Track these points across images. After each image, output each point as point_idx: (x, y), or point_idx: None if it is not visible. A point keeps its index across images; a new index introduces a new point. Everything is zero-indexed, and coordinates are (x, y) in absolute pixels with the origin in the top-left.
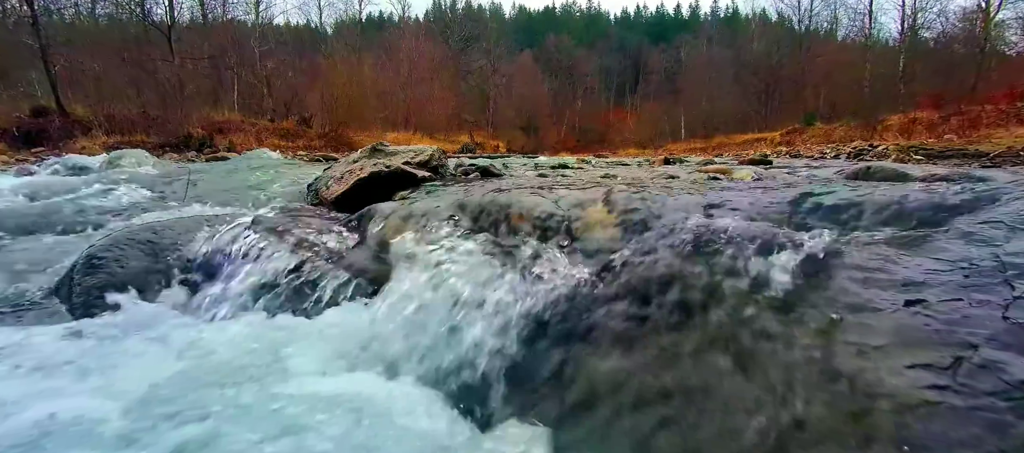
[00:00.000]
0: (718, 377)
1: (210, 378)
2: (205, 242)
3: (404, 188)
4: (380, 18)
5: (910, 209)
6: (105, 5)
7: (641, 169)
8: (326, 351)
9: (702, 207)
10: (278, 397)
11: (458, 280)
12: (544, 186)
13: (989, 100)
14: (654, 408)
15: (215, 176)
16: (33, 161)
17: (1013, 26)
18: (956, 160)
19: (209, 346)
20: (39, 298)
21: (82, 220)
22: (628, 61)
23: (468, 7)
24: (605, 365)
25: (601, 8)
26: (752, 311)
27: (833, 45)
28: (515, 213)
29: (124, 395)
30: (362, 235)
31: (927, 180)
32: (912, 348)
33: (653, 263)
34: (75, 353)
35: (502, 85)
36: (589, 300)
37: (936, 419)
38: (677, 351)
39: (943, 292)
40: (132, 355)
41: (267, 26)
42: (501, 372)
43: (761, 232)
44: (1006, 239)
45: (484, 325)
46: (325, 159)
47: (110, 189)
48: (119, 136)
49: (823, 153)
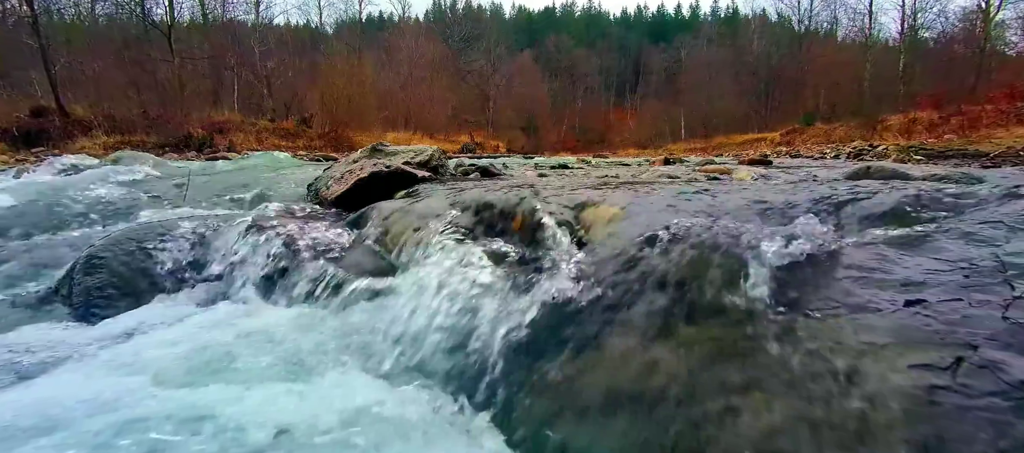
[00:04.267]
0: (718, 377)
1: (208, 375)
2: (205, 242)
3: (404, 188)
4: (380, 18)
5: (910, 209)
6: (105, 5)
7: (641, 169)
8: (325, 350)
9: (702, 207)
10: (277, 395)
11: (458, 279)
12: (544, 186)
13: (989, 100)
14: (654, 407)
15: (215, 176)
16: (33, 161)
17: (1013, 26)
18: (956, 160)
19: (208, 345)
20: (39, 298)
21: (82, 220)
22: (628, 61)
23: (468, 7)
24: (604, 365)
25: (601, 8)
26: (751, 311)
27: (833, 45)
28: (515, 212)
29: (124, 394)
30: (362, 234)
31: (927, 180)
32: (912, 348)
33: (653, 262)
34: (74, 353)
35: (502, 85)
36: (588, 299)
37: (936, 419)
38: (677, 350)
39: (943, 292)
40: (131, 354)
41: (267, 26)
42: (501, 370)
43: (761, 232)
44: (1006, 239)
45: (484, 324)
46: (325, 159)
47: (110, 190)
48: (119, 136)
49: (823, 153)
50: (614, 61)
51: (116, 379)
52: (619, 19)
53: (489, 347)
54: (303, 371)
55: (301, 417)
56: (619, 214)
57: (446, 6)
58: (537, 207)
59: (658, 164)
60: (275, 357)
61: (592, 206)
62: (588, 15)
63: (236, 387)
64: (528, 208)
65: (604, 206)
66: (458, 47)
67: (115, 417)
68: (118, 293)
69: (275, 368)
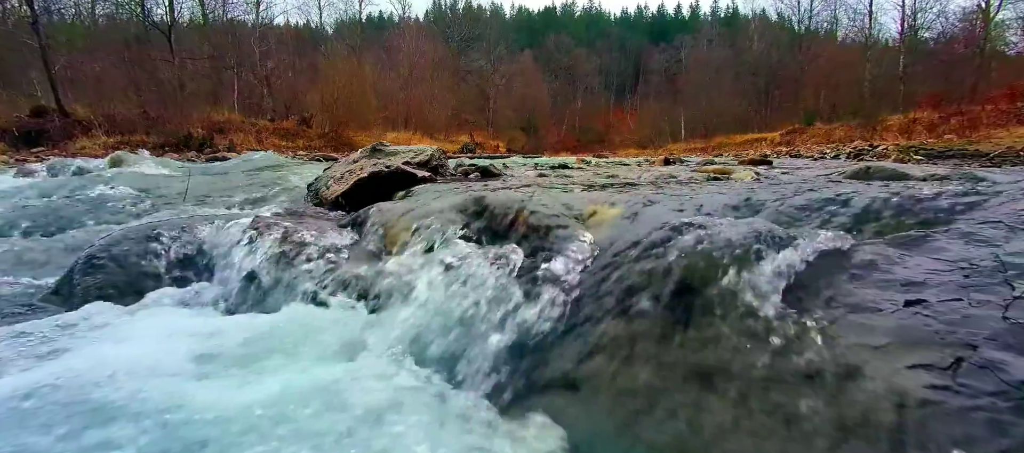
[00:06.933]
0: (718, 377)
1: (208, 374)
2: (204, 242)
3: (404, 188)
4: (380, 18)
5: (910, 209)
6: (105, 5)
7: (641, 169)
8: (323, 348)
9: (702, 207)
10: (277, 394)
11: (458, 279)
12: (544, 186)
13: (989, 100)
14: (653, 406)
15: (215, 176)
16: (33, 161)
17: (1013, 26)
18: (956, 160)
19: (207, 344)
20: (40, 297)
21: (82, 220)
22: (628, 61)
23: (468, 7)
24: (602, 363)
25: (601, 8)
26: (749, 310)
27: (833, 45)
28: (516, 212)
29: (123, 393)
30: (362, 234)
31: (927, 180)
32: (912, 348)
33: (653, 263)
34: (74, 351)
35: (502, 85)
36: (588, 300)
37: (936, 419)
38: (677, 350)
39: (943, 292)
40: (131, 354)
41: (267, 26)
42: (500, 370)
43: (761, 232)
44: (1006, 239)
45: (484, 324)
46: (325, 159)
47: (110, 190)
48: (119, 136)
49: (823, 153)
50: (614, 61)
51: (116, 379)
52: (619, 19)
53: (489, 347)
54: (303, 371)
55: (301, 416)
56: (619, 214)
57: (446, 6)
58: (537, 208)
59: (658, 164)
60: (275, 356)
61: (592, 206)
62: (588, 15)
63: (236, 387)
64: (528, 209)
65: (604, 207)
66: (458, 47)
67: (115, 417)
68: (118, 293)
69: (275, 367)
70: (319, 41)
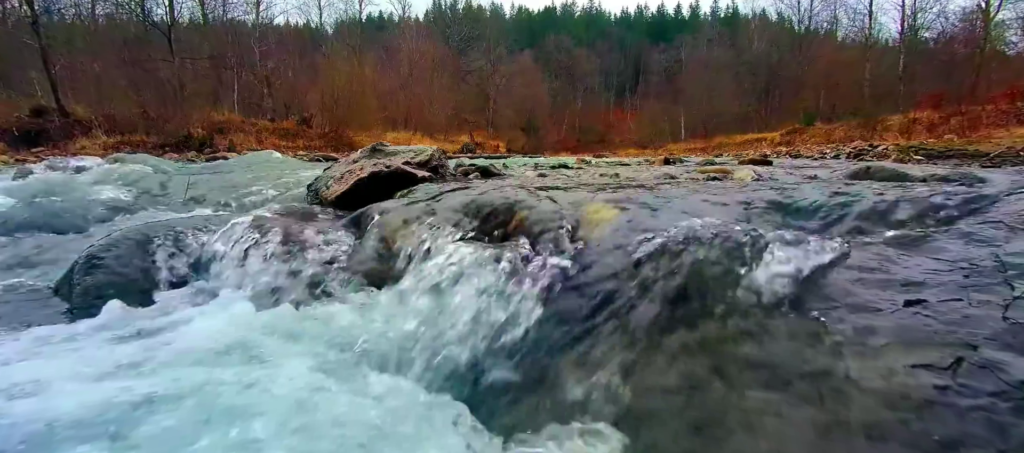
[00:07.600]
0: (718, 377)
1: (204, 372)
2: (204, 242)
3: (404, 188)
4: (380, 18)
5: (910, 209)
6: (105, 5)
7: (641, 169)
8: (323, 348)
9: (702, 208)
10: (276, 392)
11: (458, 279)
12: (544, 186)
13: (989, 100)
14: (654, 409)
15: (215, 176)
16: (33, 161)
17: (1013, 26)
18: (956, 160)
19: (207, 344)
20: (40, 298)
21: (82, 220)
22: (628, 61)
23: (468, 7)
24: (603, 364)
25: (601, 8)
26: (751, 311)
27: (833, 45)
28: (516, 212)
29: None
30: (361, 234)
31: (927, 180)
32: (912, 348)
33: (653, 263)
34: (74, 350)
35: (502, 85)
36: (587, 300)
37: (936, 419)
38: (677, 351)
39: (943, 292)
40: (131, 354)
41: (267, 26)
42: (500, 369)
43: (761, 232)
44: (1006, 239)
45: (484, 324)
46: (325, 159)
47: (110, 190)
48: (119, 136)
49: (823, 153)
50: (614, 61)
51: (116, 379)
52: (619, 19)
53: (489, 347)
54: (304, 370)
55: (301, 414)
56: (619, 215)
57: (446, 6)
58: (536, 208)
59: (658, 164)
60: (275, 356)
61: (591, 207)
62: (588, 15)
63: (236, 386)
64: (527, 209)
65: (603, 207)
66: (458, 47)
67: (114, 417)
68: (118, 292)
69: (275, 367)
70: (319, 41)
